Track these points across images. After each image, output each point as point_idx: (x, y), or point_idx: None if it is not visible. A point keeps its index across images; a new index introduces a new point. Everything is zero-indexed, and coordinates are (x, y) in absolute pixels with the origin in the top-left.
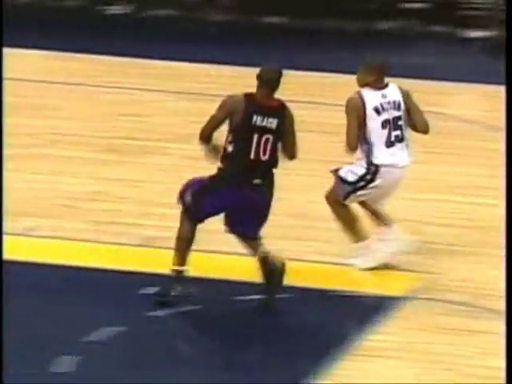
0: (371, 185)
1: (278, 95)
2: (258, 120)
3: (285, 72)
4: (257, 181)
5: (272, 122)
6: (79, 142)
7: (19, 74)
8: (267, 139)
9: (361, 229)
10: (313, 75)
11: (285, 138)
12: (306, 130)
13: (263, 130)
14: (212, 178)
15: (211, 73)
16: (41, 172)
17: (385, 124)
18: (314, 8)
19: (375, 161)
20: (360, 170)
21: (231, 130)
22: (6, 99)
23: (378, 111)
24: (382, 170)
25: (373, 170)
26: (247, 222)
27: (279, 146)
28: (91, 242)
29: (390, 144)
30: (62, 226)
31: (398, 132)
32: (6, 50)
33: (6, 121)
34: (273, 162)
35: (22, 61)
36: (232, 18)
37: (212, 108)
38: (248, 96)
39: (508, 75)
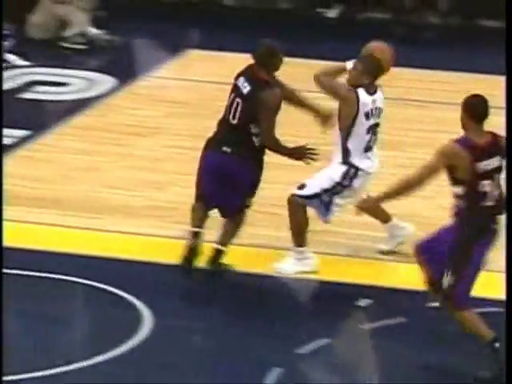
0: (347, 190)
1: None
2: (240, 81)
3: (486, 76)
4: (226, 148)
5: (246, 87)
6: None
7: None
8: (238, 103)
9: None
10: None
11: (259, 120)
12: None
13: (238, 92)
14: None
15: (423, 78)
16: None
17: (369, 130)
18: None
19: (356, 163)
20: (333, 176)
21: None
22: (205, 103)
23: (367, 116)
24: (359, 173)
25: (352, 174)
26: (226, 194)
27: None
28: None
29: (367, 149)
30: (262, 234)
31: (374, 137)
32: (210, 54)
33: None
34: (245, 129)
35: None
36: (448, 22)
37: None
38: (253, 64)
39: (508, 73)
